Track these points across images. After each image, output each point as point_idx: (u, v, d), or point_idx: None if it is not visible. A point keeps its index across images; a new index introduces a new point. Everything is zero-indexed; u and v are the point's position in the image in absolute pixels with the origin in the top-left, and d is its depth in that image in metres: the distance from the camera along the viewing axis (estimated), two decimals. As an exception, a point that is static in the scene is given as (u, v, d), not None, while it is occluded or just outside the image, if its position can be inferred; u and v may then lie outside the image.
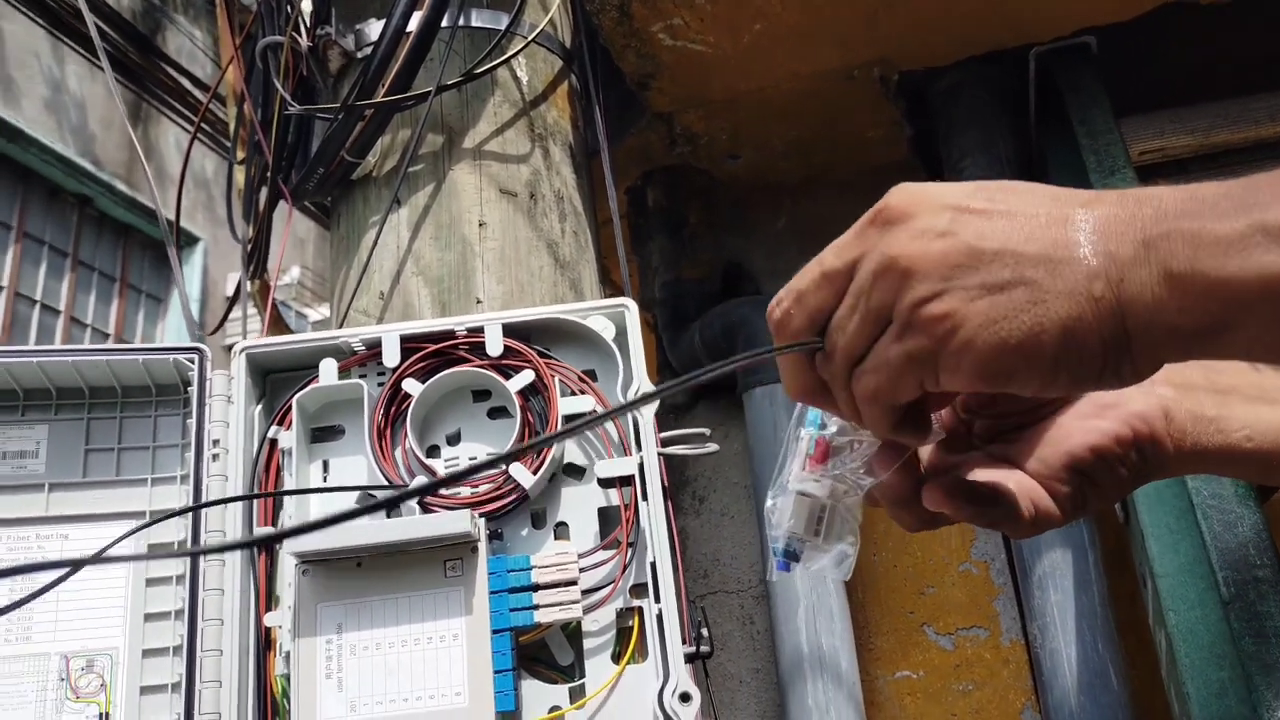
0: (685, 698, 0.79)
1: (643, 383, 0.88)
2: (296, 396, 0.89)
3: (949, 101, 1.27)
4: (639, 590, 0.84)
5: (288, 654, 0.81)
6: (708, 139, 1.34)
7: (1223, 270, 0.41)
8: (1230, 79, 1.20)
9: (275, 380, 0.94)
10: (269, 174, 1.14)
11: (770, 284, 1.42)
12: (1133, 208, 0.44)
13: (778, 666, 1.12)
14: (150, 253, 6.18)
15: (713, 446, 1.00)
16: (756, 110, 1.28)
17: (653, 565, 0.83)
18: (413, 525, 0.81)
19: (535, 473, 0.84)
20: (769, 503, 0.60)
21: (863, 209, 0.50)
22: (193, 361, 0.91)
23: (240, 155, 1.34)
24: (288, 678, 0.80)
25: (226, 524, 0.86)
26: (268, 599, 0.85)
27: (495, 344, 0.89)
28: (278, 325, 1.37)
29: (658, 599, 0.82)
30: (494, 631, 0.79)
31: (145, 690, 0.84)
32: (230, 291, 6.15)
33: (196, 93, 4.21)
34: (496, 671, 0.78)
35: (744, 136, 1.34)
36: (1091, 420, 0.55)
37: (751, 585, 1.29)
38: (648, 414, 0.87)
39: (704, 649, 0.88)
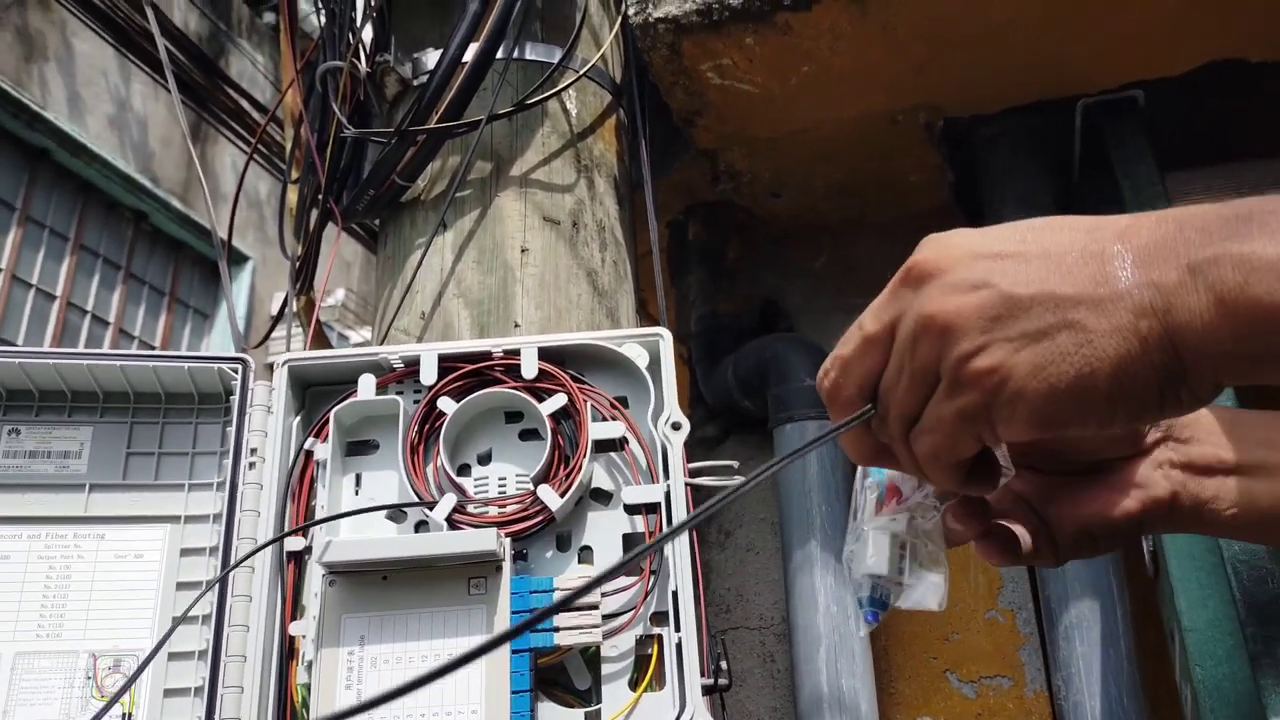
0: (700, 729, 0.79)
1: (673, 412, 0.89)
2: (334, 410, 0.90)
3: (992, 150, 1.28)
4: (659, 618, 0.84)
5: (310, 663, 0.82)
6: (750, 177, 1.35)
7: (1276, 295, 0.41)
8: (1277, 137, 1.20)
9: (315, 393, 0.96)
10: (321, 194, 1.17)
11: (806, 323, 1.43)
12: (1174, 230, 0.43)
13: (796, 706, 1.12)
14: (199, 269, 6.31)
15: (741, 480, 1.00)
16: (799, 150, 1.29)
17: (674, 594, 0.83)
18: (439, 541, 0.82)
19: (563, 495, 0.85)
20: (846, 551, 0.59)
21: (902, 253, 0.50)
22: (236, 371, 0.93)
23: (295, 175, 1.38)
24: (309, 687, 0.81)
25: (258, 531, 0.87)
26: (294, 608, 0.86)
27: (530, 367, 0.91)
28: (321, 343, 1.40)
29: (678, 628, 0.82)
30: (514, 652, 0.80)
31: (169, 693, 0.85)
32: (275, 310, 6.25)
33: (255, 115, 4.32)
34: (514, 692, 0.78)
35: (786, 176, 1.35)
36: (1120, 496, 0.56)
37: (774, 623, 1.29)
38: (676, 442, 0.88)
39: (722, 682, 0.88)
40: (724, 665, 0.88)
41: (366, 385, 0.91)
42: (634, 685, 0.83)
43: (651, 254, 1.20)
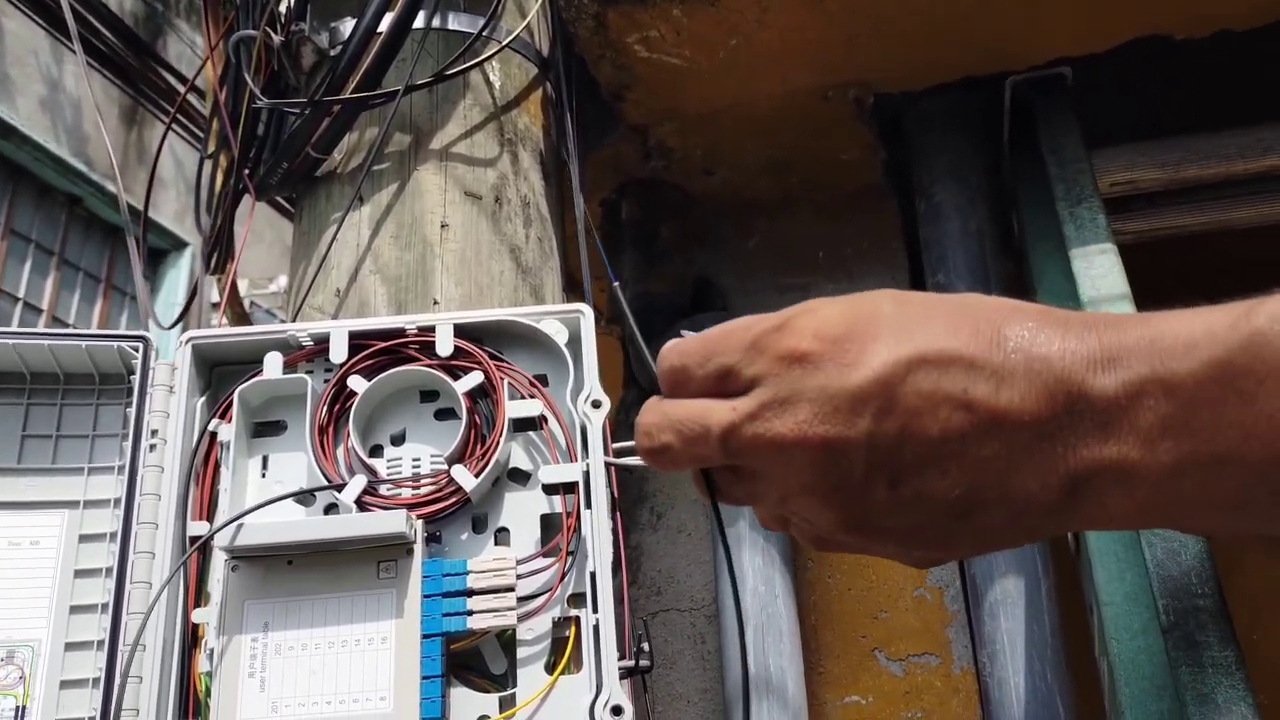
0: (617, 710, 0.77)
1: (594, 389, 0.87)
2: (238, 389, 0.87)
3: (923, 127, 1.27)
4: (577, 600, 0.82)
5: (211, 650, 0.78)
6: (682, 154, 1.33)
7: None
8: (1203, 114, 1.21)
9: (222, 373, 0.93)
10: (234, 167, 1.13)
11: (739, 301, 1.41)
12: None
13: (723, 686, 1.10)
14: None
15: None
16: (732, 127, 1.27)
17: (592, 575, 0.81)
18: (346, 524, 0.79)
19: (478, 476, 0.83)
20: None
21: (836, 232, 0.53)
22: (137, 350, 0.89)
23: (211, 149, 1.33)
24: (212, 675, 0.78)
25: (160, 516, 0.84)
26: (198, 595, 0.83)
27: (445, 344, 0.88)
28: (242, 323, 1.36)
29: (595, 609, 0.80)
30: (425, 636, 0.77)
31: (65, 684, 0.82)
32: (216, 297, 6.11)
33: (191, 97, 4.21)
34: (424, 677, 0.76)
35: (719, 153, 1.33)
36: None
37: (705, 604, 1.27)
38: (596, 420, 0.86)
39: (644, 663, 0.86)
40: (646, 647, 0.86)
41: (273, 363, 0.88)
42: (551, 668, 0.81)
43: (580, 232, 1.18)
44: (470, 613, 0.79)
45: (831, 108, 1.24)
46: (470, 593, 0.79)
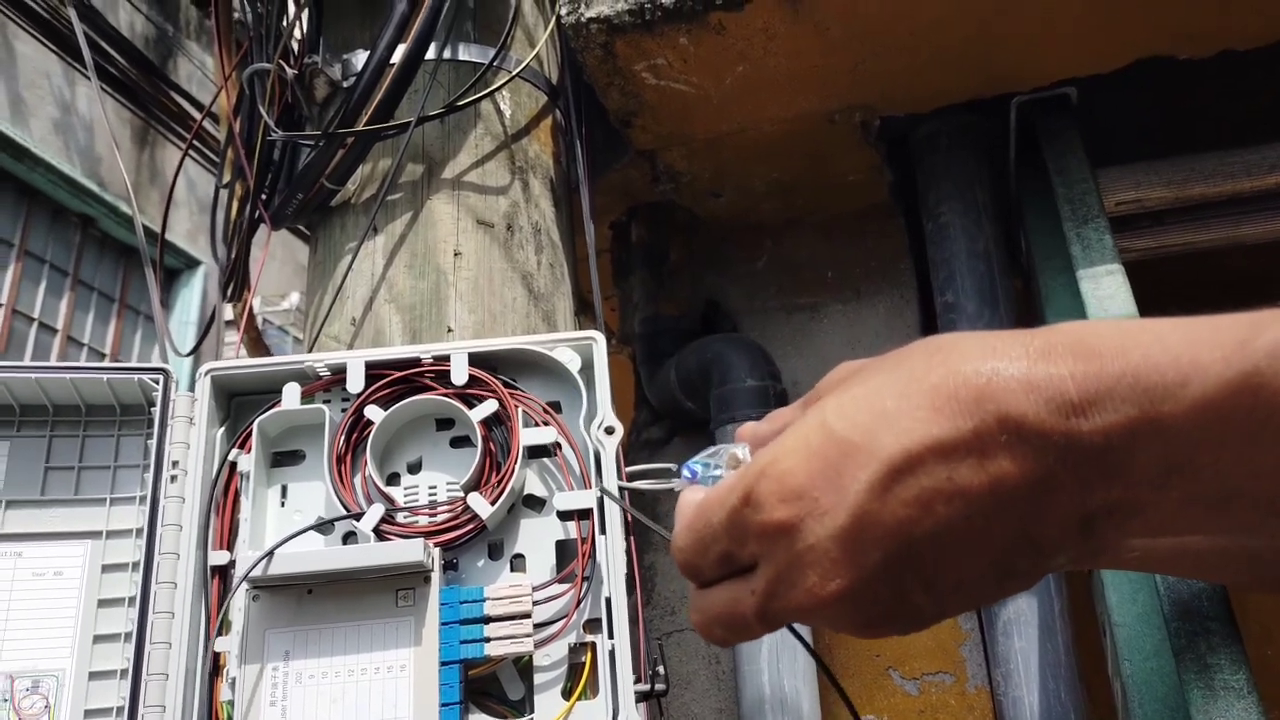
0: (633, 737, 0.78)
1: (606, 415, 0.88)
2: (258, 420, 0.88)
3: (929, 148, 1.28)
4: (593, 626, 0.83)
5: (234, 680, 0.80)
6: (690, 177, 1.35)
7: None
8: (1208, 133, 1.21)
9: (240, 403, 0.94)
10: (250, 198, 1.15)
11: (748, 322, 1.42)
12: None
13: (739, 707, 1.11)
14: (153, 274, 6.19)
15: (679, 483, 0.99)
16: (738, 151, 1.29)
17: (608, 601, 0.82)
18: (365, 553, 0.80)
19: (494, 503, 0.84)
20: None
21: (843, 252, 0.52)
22: (157, 382, 0.90)
23: (227, 179, 1.35)
24: (234, 704, 0.79)
25: (181, 546, 0.85)
26: (220, 624, 0.84)
27: (460, 373, 0.89)
28: (259, 351, 1.38)
29: (611, 635, 0.81)
30: (443, 663, 0.78)
31: (90, 714, 0.83)
32: (229, 317, 6.15)
33: (199, 117, 4.24)
34: (443, 704, 0.77)
35: (726, 176, 1.35)
36: None
37: (720, 625, 1.27)
38: (609, 446, 0.87)
39: (659, 687, 0.87)
40: (661, 670, 0.87)
41: (291, 394, 0.89)
42: (567, 694, 0.82)
43: (590, 255, 1.19)
44: (488, 639, 0.80)
45: (837, 131, 1.25)
46: (487, 619, 0.80)
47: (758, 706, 1.07)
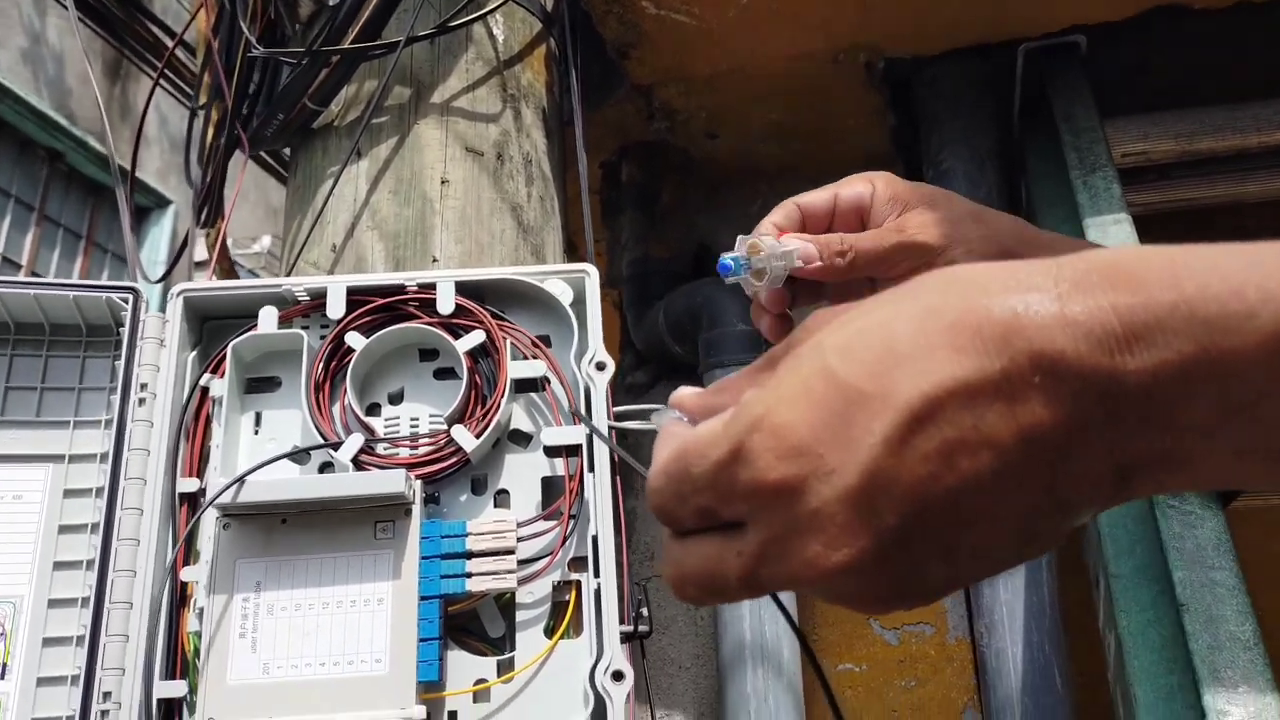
0: (618, 676, 0.75)
1: (598, 351, 0.85)
2: (232, 343, 0.84)
3: (932, 93, 1.25)
4: (578, 564, 0.80)
5: (201, 611, 0.76)
6: (686, 116, 1.30)
7: None
8: (1217, 87, 1.19)
9: (214, 327, 0.90)
10: (228, 119, 1.10)
11: (740, 269, 1.38)
12: None
13: (718, 653, 1.09)
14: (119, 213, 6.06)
15: (660, 417, 0.96)
16: (738, 89, 1.25)
17: (594, 539, 0.79)
18: (344, 482, 0.77)
19: (479, 436, 0.81)
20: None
21: None
22: (126, 301, 0.86)
23: (203, 101, 1.29)
24: (201, 635, 0.76)
25: (149, 472, 0.81)
26: (187, 553, 0.81)
27: (447, 302, 0.85)
28: (230, 279, 1.33)
29: (597, 574, 0.78)
30: (422, 598, 0.75)
31: (49, 641, 0.79)
32: (200, 256, 6.03)
33: (178, 51, 4.12)
34: (421, 640, 0.74)
35: (723, 116, 1.30)
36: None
37: (701, 574, 1.25)
38: (600, 383, 0.84)
39: (642, 629, 0.85)
40: (644, 612, 0.85)
41: (268, 318, 0.85)
42: (550, 632, 0.79)
43: (583, 192, 1.15)
44: (469, 575, 0.77)
45: (841, 72, 1.21)
46: (469, 554, 0.78)
47: (738, 653, 1.05)
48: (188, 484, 0.82)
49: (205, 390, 0.85)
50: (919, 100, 1.28)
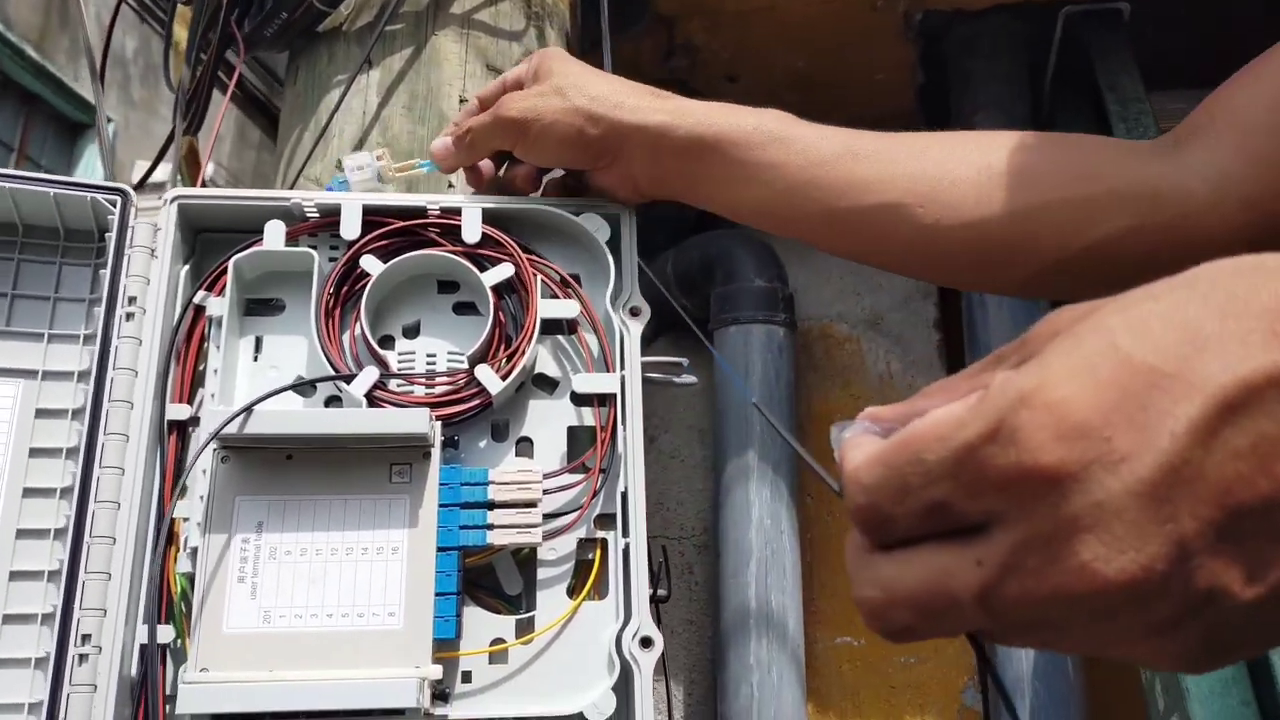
0: (647, 642, 0.70)
1: (633, 295, 0.79)
2: (235, 258, 0.76)
3: (967, 51, 1.20)
4: (604, 521, 0.75)
5: (194, 550, 0.69)
6: (707, 54, 1.23)
7: None
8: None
9: (207, 241, 0.82)
10: (221, 14, 1.00)
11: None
12: None
13: (719, 620, 1.05)
14: (55, 125, 5.75)
15: (692, 378, 0.91)
16: (766, 29, 1.18)
17: (624, 495, 0.74)
18: (361, 418, 0.70)
19: (505, 378, 0.74)
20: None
21: None
22: (114, 204, 0.77)
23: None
24: (191, 578, 0.69)
25: (135, 394, 0.73)
26: (176, 487, 0.73)
27: (473, 229, 0.78)
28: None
29: (626, 532, 0.73)
30: (440, 549, 0.69)
31: (16, 575, 0.71)
32: (138, 179, 5.76)
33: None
34: (438, 594, 0.68)
35: (746, 58, 1.24)
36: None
37: (694, 533, 1.21)
38: (634, 330, 0.78)
39: (661, 592, 0.80)
40: (663, 575, 0.80)
41: (275, 233, 0.77)
42: (571, 593, 0.74)
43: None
44: (491, 526, 0.71)
45: (878, 20, 1.16)
46: (491, 505, 0.71)
47: (741, 620, 1.01)
48: (178, 410, 0.75)
49: (200, 309, 0.77)
50: (952, 59, 1.23)
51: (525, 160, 0.80)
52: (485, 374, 0.74)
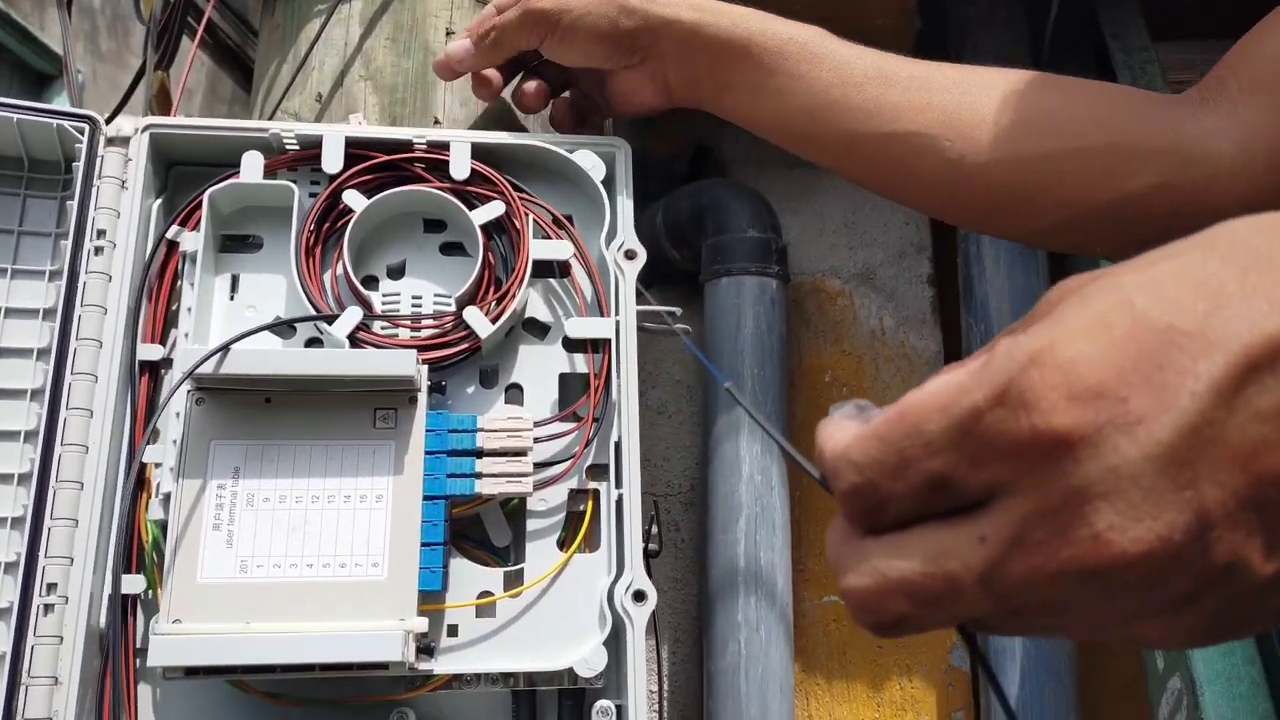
0: (640, 596, 0.68)
1: (629, 237, 0.76)
2: (210, 191, 0.72)
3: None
4: (596, 472, 0.72)
5: (166, 496, 0.66)
6: (702, -3, 1.19)
7: None
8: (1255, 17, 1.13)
9: (180, 174, 0.78)
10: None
11: (739, 173, 1.30)
12: None
13: (706, 577, 1.03)
14: (20, 76, 5.58)
15: (685, 328, 0.89)
16: (763, -30, 1.14)
17: (617, 445, 0.71)
18: (345, 360, 0.67)
19: (495, 321, 0.71)
20: None
21: None
22: (82, 132, 0.73)
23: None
24: (163, 526, 0.66)
25: (105, 333, 0.70)
26: (146, 429, 0.70)
27: (462, 165, 0.75)
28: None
29: (619, 483, 0.70)
30: (427, 498, 0.66)
31: (-23, 522, 0.68)
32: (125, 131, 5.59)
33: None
34: (425, 544, 0.65)
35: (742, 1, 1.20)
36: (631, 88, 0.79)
37: (682, 490, 1.19)
38: (630, 273, 0.75)
39: (652, 547, 0.78)
40: (655, 530, 0.78)
41: (252, 165, 0.73)
42: (562, 545, 0.71)
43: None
44: (479, 475, 0.68)
45: (878, -38, 1.12)
46: (480, 453, 0.69)
47: (729, 578, 0.99)
48: (150, 350, 0.71)
49: (173, 245, 0.73)
50: (952, 6, 1.19)
51: (552, 57, 0.77)
52: (474, 317, 0.71)
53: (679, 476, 1.21)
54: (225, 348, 0.63)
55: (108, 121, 0.76)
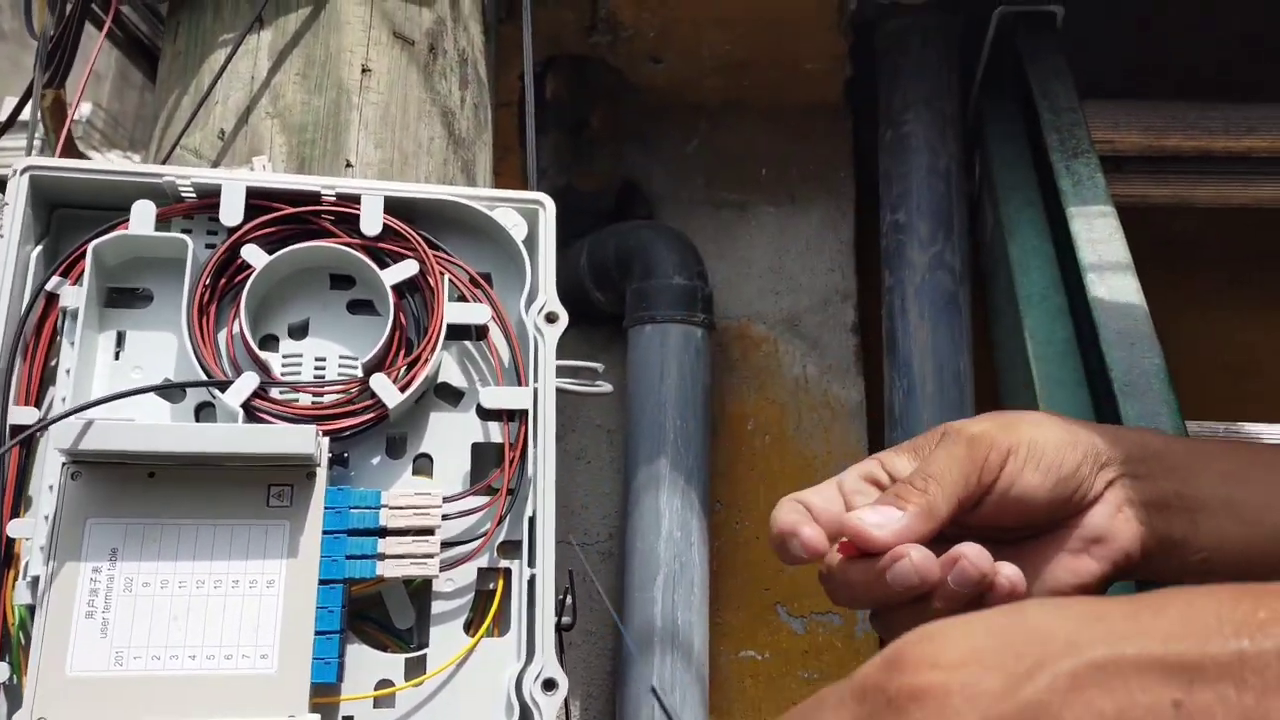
0: (550, 685, 0.65)
1: (550, 299, 0.72)
2: (95, 242, 0.67)
3: (898, 47, 1.16)
4: (509, 549, 0.69)
5: (35, 578, 0.60)
6: (632, 32, 1.16)
7: None
8: (1193, 83, 1.15)
9: (65, 218, 0.72)
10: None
11: (668, 211, 1.27)
12: None
13: (623, 635, 1.00)
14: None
15: (607, 387, 0.86)
16: (697, 8, 1.11)
17: (531, 520, 0.68)
18: (237, 436, 0.62)
19: (404, 390, 0.67)
20: None
21: (782, 149, 0.36)
22: (-50, 171, 0.67)
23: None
24: (32, 610, 0.60)
25: (-30, 395, 0.64)
26: (15, 502, 0.64)
27: (373, 220, 0.70)
28: (72, 158, 1.11)
29: (532, 562, 0.67)
30: (323, 583, 0.62)
31: None
32: (5, 116, 5.35)
33: None
34: (319, 632, 0.61)
35: (673, 38, 1.17)
36: (1081, 558, 0.52)
37: (600, 540, 1.16)
38: (550, 337, 0.72)
39: (565, 619, 0.74)
40: (569, 600, 0.74)
41: (143, 214, 0.68)
42: (469, 628, 0.68)
43: (513, 104, 1.01)
44: (382, 556, 0.64)
45: (813, 6, 1.10)
46: (384, 532, 0.64)
47: (646, 638, 0.96)
48: (22, 414, 0.65)
49: (52, 298, 0.67)
50: (881, 53, 1.19)
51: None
52: (382, 384, 0.67)
53: (597, 524, 1.18)
54: (85, 407, 0.58)
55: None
